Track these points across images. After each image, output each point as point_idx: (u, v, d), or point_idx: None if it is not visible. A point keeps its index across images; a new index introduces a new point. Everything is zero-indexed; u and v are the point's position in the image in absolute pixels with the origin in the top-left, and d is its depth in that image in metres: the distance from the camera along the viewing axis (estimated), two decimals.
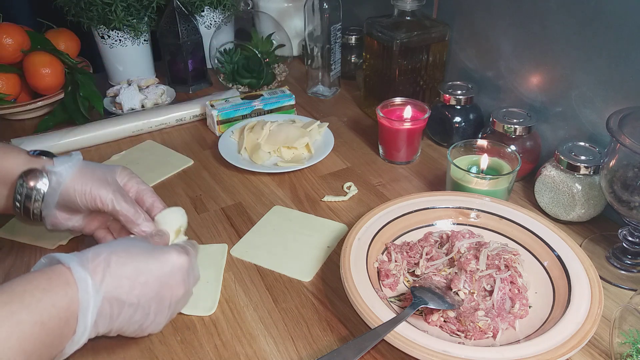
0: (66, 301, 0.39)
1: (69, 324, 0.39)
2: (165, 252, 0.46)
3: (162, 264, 0.45)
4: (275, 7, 1.13)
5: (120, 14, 0.95)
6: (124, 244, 0.45)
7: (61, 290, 0.39)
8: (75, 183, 0.51)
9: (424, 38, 0.83)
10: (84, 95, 0.90)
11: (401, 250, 0.59)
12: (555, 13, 0.67)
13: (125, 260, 0.43)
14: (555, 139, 0.72)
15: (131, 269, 0.43)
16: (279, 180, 0.77)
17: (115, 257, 0.43)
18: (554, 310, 0.51)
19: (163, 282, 0.45)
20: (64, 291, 0.39)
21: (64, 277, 0.40)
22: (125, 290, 0.42)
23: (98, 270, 0.41)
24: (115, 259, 0.43)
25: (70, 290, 0.39)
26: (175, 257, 0.46)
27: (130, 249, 0.45)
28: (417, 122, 0.77)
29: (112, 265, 0.42)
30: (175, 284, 0.46)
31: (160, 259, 0.45)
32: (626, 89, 0.61)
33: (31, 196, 0.51)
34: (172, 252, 0.46)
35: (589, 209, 0.63)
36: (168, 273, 0.45)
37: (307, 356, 0.50)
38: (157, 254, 0.45)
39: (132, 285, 0.42)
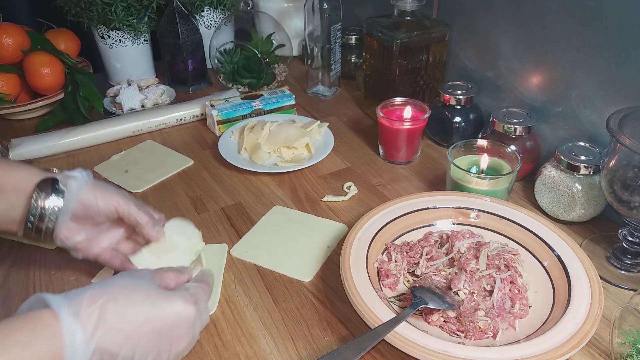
0: (50, 357, 0.35)
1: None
2: (171, 301, 0.41)
3: (166, 315, 0.41)
4: (275, 7, 1.13)
5: (120, 14, 0.95)
6: (126, 285, 0.41)
7: (44, 344, 0.35)
8: (94, 188, 0.51)
9: (424, 38, 0.83)
10: (84, 95, 0.90)
11: (401, 250, 0.59)
12: (555, 13, 0.67)
13: (124, 310, 0.39)
14: (555, 139, 0.72)
15: (129, 321, 0.39)
16: (279, 180, 0.77)
17: (112, 305, 0.38)
18: (554, 310, 0.51)
19: (164, 335, 0.41)
20: (48, 345, 0.35)
21: (49, 328, 0.36)
22: (118, 345, 0.38)
23: (91, 320, 0.37)
24: (112, 307, 0.38)
25: (55, 344, 0.36)
26: (181, 307, 0.42)
27: (133, 293, 0.40)
28: (417, 122, 0.77)
29: (108, 317, 0.38)
30: (177, 337, 0.42)
31: (165, 310, 0.41)
32: (626, 89, 0.61)
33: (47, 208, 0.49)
34: (179, 301, 0.42)
35: (589, 209, 0.64)
36: (170, 326, 0.41)
37: (307, 356, 0.50)
38: (161, 303, 0.41)
39: (127, 338, 0.38)
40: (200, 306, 0.44)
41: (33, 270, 0.60)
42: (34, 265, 0.62)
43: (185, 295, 0.43)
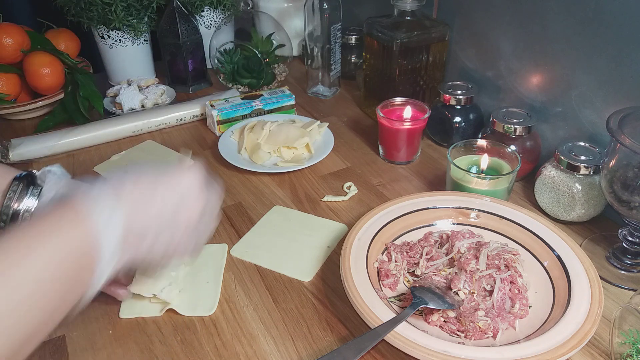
0: (81, 237, 0.37)
1: (88, 257, 0.37)
2: (177, 167, 0.46)
3: (176, 175, 0.44)
4: (275, 7, 1.13)
5: (120, 14, 0.95)
6: (133, 168, 0.44)
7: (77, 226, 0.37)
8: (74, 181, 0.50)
9: (424, 38, 0.83)
10: (84, 95, 0.90)
11: (401, 250, 0.59)
12: (555, 13, 0.67)
13: (139, 177, 0.42)
14: (555, 139, 0.72)
15: (147, 185, 0.42)
16: (279, 180, 0.77)
17: (128, 176, 0.42)
18: (554, 310, 0.51)
19: (181, 195, 0.44)
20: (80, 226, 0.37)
21: (79, 212, 0.38)
22: (143, 208, 0.41)
23: (117, 190, 0.40)
24: (128, 177, 0.42)
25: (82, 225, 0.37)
26: (186, 169, 0.46)
27: (142, 168, 0.44)
28: (417, 122, 0.77)
29: (126, 184, 0.41)
30: (193, 198, 0.45)
31: (174, 172, 0.45)
32: (626, 89, 0.61)
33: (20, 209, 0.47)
34: (184, 168, 0.46)
35: (589, 209, 0.63)
36: (184, 187, 0.44)
37: (307, 356, 0.50)
38: (168, 170, 0.45)
39: (149, 201, 0.41)
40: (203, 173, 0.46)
41: None
42: None
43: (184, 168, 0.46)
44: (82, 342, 0.52)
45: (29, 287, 0.33)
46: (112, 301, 0.56)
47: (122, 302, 0.56)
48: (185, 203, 0.44)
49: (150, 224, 0.41)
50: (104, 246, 0.37)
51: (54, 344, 0.52)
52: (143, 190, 0.42)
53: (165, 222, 0.42)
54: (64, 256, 0.35)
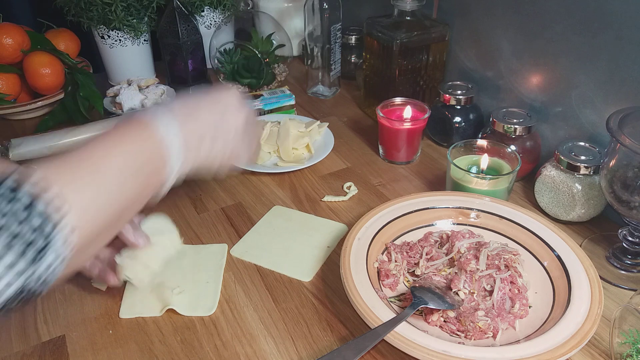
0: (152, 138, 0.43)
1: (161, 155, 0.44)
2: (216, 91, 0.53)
3: (221, 93, 0.52)
4: (275, 7, 1.13)
5: (120, 14, 0.95)
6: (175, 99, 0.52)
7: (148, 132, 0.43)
8: None
9: (424, 38, 0.83)
10: (84, 95, 0.90)
11: (401, 250, 0.59)
12: (555, 13, 0.67)
13: (184, 100, 0.49)
14: (555, 139, 0.72)
15: (192, 104, 0.49)
16: (279, 180, 0.77)
17: (174, 101, 0.49)
18: (554, 310, 0.51)
19: (224, 108, 0.51)
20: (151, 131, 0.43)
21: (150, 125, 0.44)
22: (193, 118, 0.47)
23: (169, 108, 0.46)
24: (175, 102, 0.49)
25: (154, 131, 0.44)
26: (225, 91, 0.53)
27: (184, 97, 0.51)
28: (417, 122, 0.77)
29: (175, 105, 0.48)
30: (235, 110, 0.51)
31: (219, 91, 0.52)
32: (626, 89, 0.61)
33: None
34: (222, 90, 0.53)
35: (589, 209, 0.63)
36: (226, 101, 0.51)
37: (307, 356, 0.50)
38: (210, 93, 0.52)
39: (197, 113, 0.48)
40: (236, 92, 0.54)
41: None
42: None
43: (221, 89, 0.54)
44: (82, 342, 0.52)
45: (119, 174, 0.40)
46: (112, 301, 0.56)
47: (122, 302, 0.56)
48: (229, 112, 0.51)
49: (202, 130, 0.48)
50: (170, 147, 0.44)
51: (54, 344, 0.52)
52: (190, 107, 0.48)
53: (216, 128, 0.49)
54: (140, 155, 0.42)
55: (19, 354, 0.51)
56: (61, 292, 0.57)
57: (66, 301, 0.56)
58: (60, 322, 0.54)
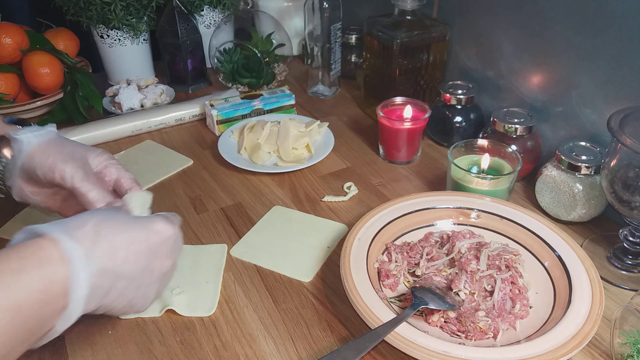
0: (44, 282, 0.35)
1: (52, 304, 0.36)
2: (152, 221, 0.44)
3: (152, 233, 0.43)
4: (275, 6, 1.12)
5: (119, 14, 0.95)
6: (106, 213, 0.42)
7: (40, 269, 0.35)
8: (37, 153, 0.48)
9: (424, 38, 0.83)
10: (83, 94, 0.90)
11: (401, 250, 0.59)
12: (556, 13, 0.67)
13: (116, 228, 0.40)
14: (556, 138, 0.72)
15: (122, 238, 0.40)
16: (279, 180, 0.76)
17: (104, 224, 0.40)
18: (554, 310, 0.51)
19: (153, 252, 0.43)
20: (44, 269, 0.35)
21: (44, 251, 0.36)
22: (119, 262, 0.39)
23: (87, 239, 0.38)
24: (104, 226, 0.40)
25: (52, 267, 0.36)
26: (163, 226, 0.44)
27: (116, 217, 0.42)
28: (418, 122, 0.77)
29: (102, 234, 0.39)
30: (164, 254, 0.44)
31: (149, 228, 0.43)
32: (627, 89, 0.61)
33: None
34: (160, 221, 0.44)
35: (590, 209, 0.63)
36: (158, 243, 0.43)
37: (307, 357, 0.50)
38: (144, 224, 0.43)
39: (125, 255, 0.40)
40: (176, 228, 0.46)
41: None
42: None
43: (162, 217, 0.45)
44: (81, 343, 0.52)
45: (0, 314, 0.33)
46: None
47: None
48: (155, 261, 0.43)
49: (121, 279, 0.40)
50: (72, 297, 0.37)
51: (54, 344, 0.51)
52: (118, 249, 0.40)
53: (135, 279, 0.41)
54: (32, 298, 0.35)
55: None
56: None
57: None
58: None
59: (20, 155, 0.49)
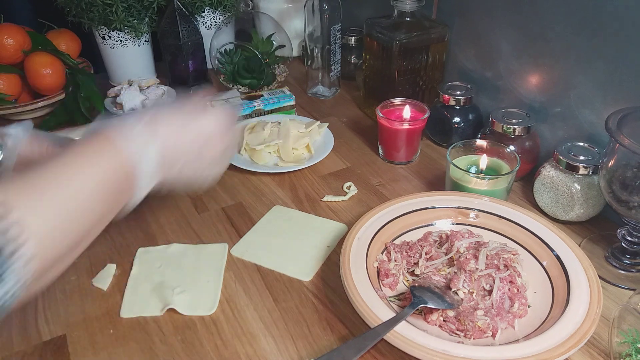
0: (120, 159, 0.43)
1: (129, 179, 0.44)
2: (204, 113, 0.52)
3: (205, 121, 0.51)
4: (275, 7, 1.13)
5: (121, 15, 0.95)
6: (163, 108, 0.50)
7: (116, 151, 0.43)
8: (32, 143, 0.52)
9: (423, 39, 0.83)
10: (85, 95, 0.91)
11: (401, 249, 0.59)
12: (554, 14, 0.68)
13: (171, 117, 0.49)
14: (554, 139, 0.72)
15: (178, 126, 0.48)
16: (279, 180, 0.77)
17: (161, 114, 0.48)
18: (553, 309, 0.52)
19: (204, 138, 0.51)
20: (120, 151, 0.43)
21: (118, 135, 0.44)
22: (174, 145, 0.47)
23: (149, 129, 0.46)
24: (162, 116, 0.48)
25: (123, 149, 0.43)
26: (213, 116, 0.52)
27: (172, 110, 0.50)
28: (417, 123, 0.77)
29: (160, 124, 0.47)
30: (213, 141, 0.52)
31: (200, 119, 0.51)
32: (625, 90, 0.62)
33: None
34: (210, 114, 0.52)
35: (588, 208, 0.64)
36: (207, 132, 0.51)
37: (307, 355, 0.50)
38: (199, 114, 0.51)
39: (180, 139, 0.48)
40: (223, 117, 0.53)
41: None
42: None
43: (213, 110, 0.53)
44: (83, 342, 0.52)
45: (83, 196, 0.39)
46: (113, 301, 0.56)
47: (123, 302, 0.56)
48: (210, 142, 0.51)
49: (179, 158, 0.48)
50: (140, 174, 0.44)
51: (55, 343, 0.52)
52: (175, 130, 0.48)
53: (193, 156, 0.50)
54: (107, 180, 0.41)
55: (20, 353, 0.51)
56: (62, 291, 0.57)
57: (67, 300, 0.56)
58: (61, 322, 0.54)
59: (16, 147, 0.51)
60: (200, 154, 0.51)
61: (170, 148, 0.47)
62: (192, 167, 0.51)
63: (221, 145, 0.53)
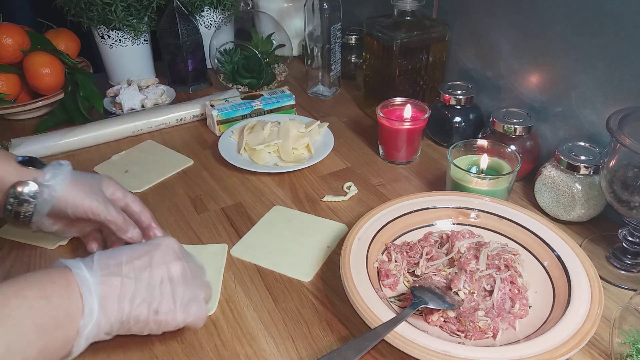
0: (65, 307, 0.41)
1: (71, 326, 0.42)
2: (151, 241, 0.50)
3: (152, 245, 0.49)
4: (275, 7, 1.13)
5: (120, 14, 0.95)
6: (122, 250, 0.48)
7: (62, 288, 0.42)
8: (67, 195, 0.53)
9: (423, 38, 0.83)
10: (84, 95, 0.90)
11: (401, 250, 0.59)
12: (555, 13, 0.68)
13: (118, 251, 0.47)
14: (555, 139, 0.72)
15: (125, 252, 0.47)
16: (279, 180, 0.77)
17: (108, 252, 0.47)
18: (554, 310, 0.51)
19: (157, 259, 0.47)
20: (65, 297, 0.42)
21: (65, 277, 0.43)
22: (120, 268, 0.45)
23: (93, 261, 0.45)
24: (108, 253, 0.47)
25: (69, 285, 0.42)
26: (162, 239, 0.50)
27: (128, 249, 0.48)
28: (417, 122, 0.77)
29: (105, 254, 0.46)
30: (169, 259, 0.48)
31: (150, 243, 0.49)
32: (626, 89, 0.61)
33: (22, 207, 0.53)
34: (160, 237, 0.51)
35: (589, 209, 0.64)
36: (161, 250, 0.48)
37: (307, 356, 0.50)
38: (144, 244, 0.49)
39: (126, 263, 0.46)
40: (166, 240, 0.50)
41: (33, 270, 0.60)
42: (34, 266, 0.62)
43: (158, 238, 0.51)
44: None
45: (21, 329, 0.38)
46: None
47: None
48: (158, 264, 0.47)
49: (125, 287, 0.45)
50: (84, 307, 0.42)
51: None
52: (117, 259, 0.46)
53: (143, 285, 0.46)
54: (47, 313, 0.40)
55: None
56: None
57: None
58: None
59: (52, 199, 0.53)
60: (150, 280, 0.46)
61: (112, 284, 0.44)
62: (146, 289, 0.46)
63: (174, 265, 0.48)
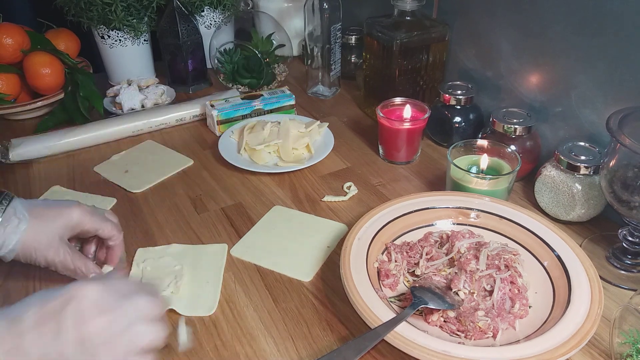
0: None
1: None
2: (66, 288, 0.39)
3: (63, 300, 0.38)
4: (275, 7, 1.13)
5: (120, 14, 0.95)
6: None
7: None
8: (24, 250, 0.53)
9: (423, 38, 0.83)
10: (84, 95, 0.90)
11: (401, 250, 0.59)
12: (555, 13, 0.68)
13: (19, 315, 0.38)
14: (555, 139, 0.72)
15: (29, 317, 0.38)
16: (279, 180, 0.77)
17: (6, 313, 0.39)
18: (554, 310, 0.51)
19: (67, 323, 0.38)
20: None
21: None
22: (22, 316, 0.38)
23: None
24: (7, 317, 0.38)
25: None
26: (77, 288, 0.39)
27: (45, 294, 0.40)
28: (417, 122, 0.77)
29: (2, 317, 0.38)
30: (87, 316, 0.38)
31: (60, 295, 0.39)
32: (626, 89, 0.61)
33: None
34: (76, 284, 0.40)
35: (589, 209, 0.64)
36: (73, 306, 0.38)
37: (307, 356, 0.50)
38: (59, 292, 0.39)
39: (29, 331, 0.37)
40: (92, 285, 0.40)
41: (33, 271, 0.60)
42: (34, 266, 0.61)
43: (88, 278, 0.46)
44: None
45: None
46: None
47: None
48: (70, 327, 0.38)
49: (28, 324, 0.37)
50: None
51: None
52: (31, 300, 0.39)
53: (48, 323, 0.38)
54: None
55: None
56: None
57: None
58: None
59: (12, 254, 0.53)
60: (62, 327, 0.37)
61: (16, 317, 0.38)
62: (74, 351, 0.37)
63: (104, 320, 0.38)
